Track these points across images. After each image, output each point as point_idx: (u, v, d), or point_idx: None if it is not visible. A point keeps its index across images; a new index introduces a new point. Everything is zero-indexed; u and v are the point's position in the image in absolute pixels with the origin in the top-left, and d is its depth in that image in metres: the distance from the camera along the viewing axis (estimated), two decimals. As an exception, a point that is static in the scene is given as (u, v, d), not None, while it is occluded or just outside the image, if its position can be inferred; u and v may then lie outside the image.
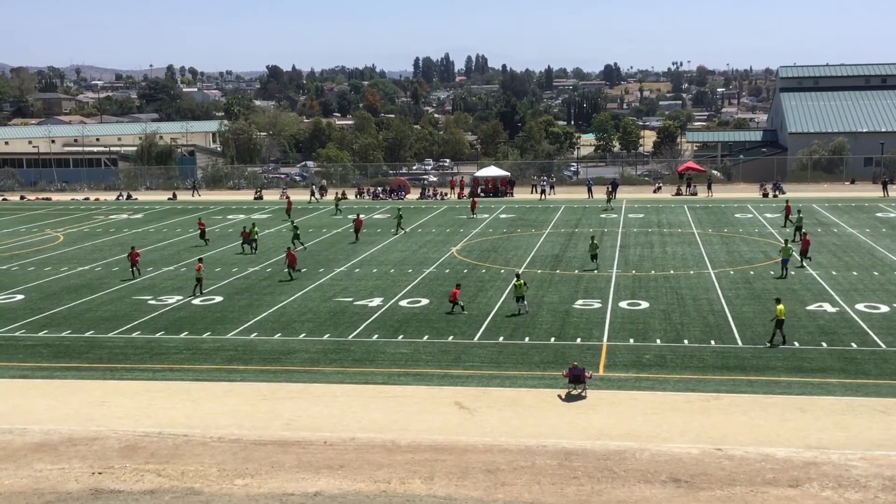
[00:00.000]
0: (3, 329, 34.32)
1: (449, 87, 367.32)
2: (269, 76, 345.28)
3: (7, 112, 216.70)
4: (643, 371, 27.75)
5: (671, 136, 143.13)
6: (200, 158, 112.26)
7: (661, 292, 38.35)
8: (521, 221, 61.84)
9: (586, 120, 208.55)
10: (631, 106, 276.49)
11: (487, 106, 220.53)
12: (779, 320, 30.10)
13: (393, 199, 78.14)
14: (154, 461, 21.51)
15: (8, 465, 21.44)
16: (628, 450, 21.54)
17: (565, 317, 34.53)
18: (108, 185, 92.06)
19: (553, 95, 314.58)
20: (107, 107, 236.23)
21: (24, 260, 49.64)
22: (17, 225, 64.82)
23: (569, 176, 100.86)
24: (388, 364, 28.99)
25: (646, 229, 56.60)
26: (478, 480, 20.02)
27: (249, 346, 31.37)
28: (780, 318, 30.05)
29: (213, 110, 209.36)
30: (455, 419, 24.03)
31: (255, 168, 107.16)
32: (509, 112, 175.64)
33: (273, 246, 52.66)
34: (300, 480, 20.22)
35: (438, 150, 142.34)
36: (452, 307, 35.73)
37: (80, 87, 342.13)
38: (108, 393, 26.78)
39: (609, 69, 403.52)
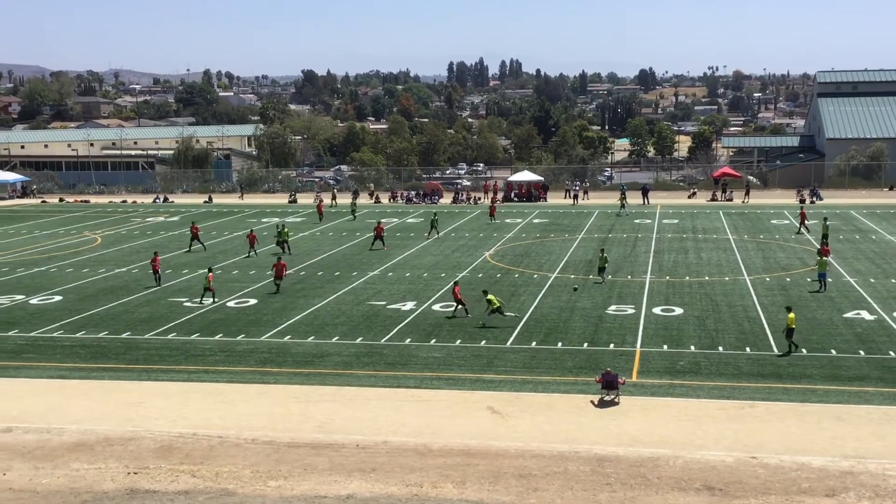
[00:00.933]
0: (42, 329, 34.80)
1: (483, 91, 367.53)
2: (304, 80, 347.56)
3: (47, 115, 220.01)
4: (677, 377, 27.57)
5: (706, 141, 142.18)
6: (236, 162, 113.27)
7: (696, 298, 38.08)
8: (555, 226, 61.69)
9: (620, 125, 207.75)
10: (666, 111, 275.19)
11: (521, 110, 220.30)
12: (789, 329, 29.75)
13: (426, 203, 78.28)
14: (189, 462, 21.70)
15: (45, 465, 21.73)
16: (662, 457, 21.41)
17: (598, 322, 34.40)
18: (146, 187, 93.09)
19: (587, 100, 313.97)
20: (144, 111, 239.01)
21: (63, 261, 50.31)
22: (56, 227, 65.72)
23: (602, 181, 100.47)
24: (420, 368, 29.04)
25: (680, 235, 56.24)
26: (510, 485, 19.99)
27: (283, 349, 31.56)
28: (790, 326, 29.70)
29: (248, 114, 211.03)
30: (487, 424, 24.01)
31: (290, 172, 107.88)
32: (543, 117, 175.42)
33: (307, 249, 52.95)
34: (332, 483, 20.31)
35: (472, 155, 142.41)
36: (455, 308, 35.68)
37: (119, 91, 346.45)
38: (145, 394, 27.06)
39: (644, 74, 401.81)
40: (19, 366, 30.11)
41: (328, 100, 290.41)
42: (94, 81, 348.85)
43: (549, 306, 37.13)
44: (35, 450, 22.70)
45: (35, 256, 52.24)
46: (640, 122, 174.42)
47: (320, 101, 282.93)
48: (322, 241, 56.44)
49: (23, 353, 31.70)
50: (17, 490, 20.31)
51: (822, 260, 39.96)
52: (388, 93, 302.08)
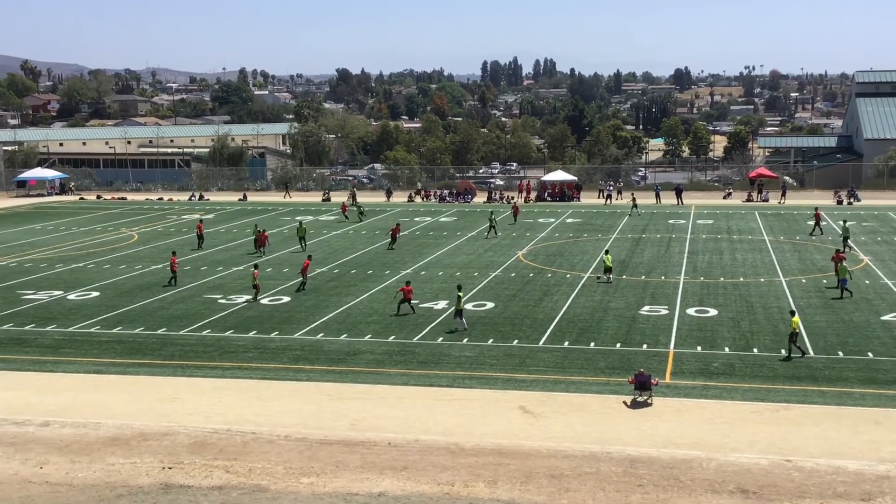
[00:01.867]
0: (79, 325, 35.25)
1: (516, 90, 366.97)
2: (338, 79, 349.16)
3: (85, 113, 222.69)
4: (711, 379, 27.37)
5: (742, 141, 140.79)
6: (270, 160, 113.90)
7: (731, 300, 37.77)
8: (588, 226, 61.46)
9: (655, 124, 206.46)
10: (701, 110, 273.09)
11: (555, 110, 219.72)
12: (793, 333, 29.30)
13: (459, 202, 78.30)
14: (222, 457, 21.89)
15: (82, 459, 22.01)
16: (695, 459, 21.26)
17: (631, 323, 34.23)
18: (181, 185, 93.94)
19: (622, 100, 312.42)
20: (181, 109, 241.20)
21: (100, 258, 50.91)
22: (93, 223, 66.51)
23: (636, 181, 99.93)
24: (452, 367, 29.07)
25: (715, 235, 55.81)
26: (541, 485, 19.96)
27: (316, 347, 31.72)
28: (794, 330, 29.27)
29: (283, 113, 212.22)
30: (519, 423, 23.99)
31: (324, 170, 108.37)
32: (577, 116, 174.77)
33: (340, 247, 53.18)
34: (364, 480, 20.38)
35: (505, 154, 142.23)
36: (399, 307, 36.06)
37: (156, 89, 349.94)
38: (179, 389, 27.32)
39: (679, 73, 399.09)
40: (57, 360, 30.52)
41: (362, 98, 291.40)
42: (132, 80, 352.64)
43: (582, 306, 37.01)
44: (72, 444, 23.01)
45: (73, 253, 52.91)
46: (675, 121, 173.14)
47: (354, 99, 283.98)
48: (355, 239, 56.65)
49: (60, 348, 32.13)
50: (53, 483, 20.60)
51: (842, 266, 38.69)
52: (422, 92, 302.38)
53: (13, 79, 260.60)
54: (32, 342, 32.92)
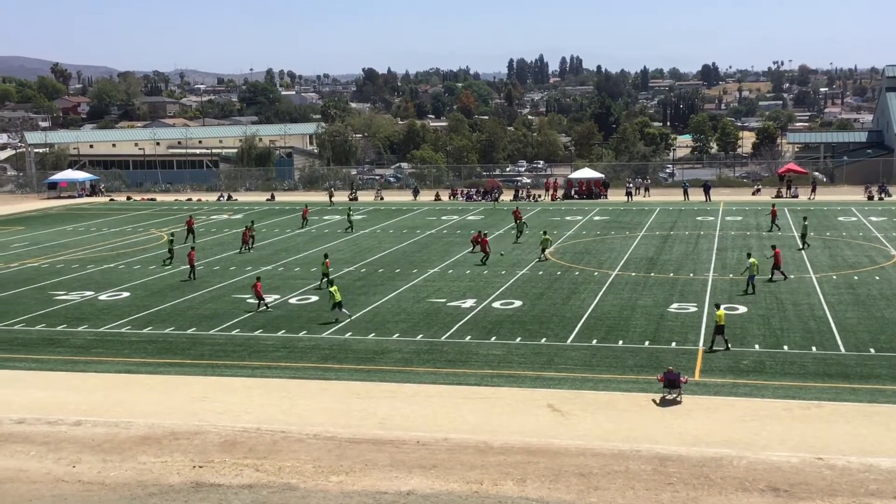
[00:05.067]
0: (110, 325, 35.59)
1: (543, 88, 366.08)
2: (364, 79, 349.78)
3: (114, 115, 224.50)
4: (741, 377, 27.18)
5: (771, 137, 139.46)
6: (298, 160, 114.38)
7: (760, 297, 37.48)
8: (615, 224, 61.22)
9: (683, 121, 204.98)
10: (729, 106, 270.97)
11: (582, 107, 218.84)
12: (718, 326, 29.47)
13: (486, 200, 78.25)
14: (252, 456, 22.02)
15: (114, 458, 22.23)
16: (725, 457, 21.14)
17: (660, 320, 34.06)
18: (210, 186, 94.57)
19: (649, 96, 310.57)
20: (209, 110, 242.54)
21: (131, 258, 51.37)
22: (123, 224, 67.11)
23: (664, 178, 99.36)
24: (480, 365, 29.07)
25: (744, 232, 55.42)
26: (570, 484, 19.92)
27: (344, 346, 31.83)
28: (719, 323, 29.46)
29: (310, 113, 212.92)
30: (548, 422, 23.95)
31: (351, 169, 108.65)
32: (604, 113, 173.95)
33: (368, 246, 53.32)
34: (393, 479, 20.44)
35: (532, 152, 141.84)
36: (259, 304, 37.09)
37: (184, 90, 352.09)
38: (209, 389, 27.52)
39: (707, 69, 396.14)
40: (89, 360, 30.84)
41: (388, 98, 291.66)
42: (161, 81, 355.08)
43: (610, 304, 36.88)
44: (104, 443, 23.24)
45: (104, 253, 53.43)
46: (703, 117, 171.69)
47: (381, 99, 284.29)
48: (383, 238, 56.78)
49: (92, 348, 32.47)
50: (86, 482, 20.82)
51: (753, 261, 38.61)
52: (449, 90, 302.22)
53: (44, 81, 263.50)
54: (64, 342, 33.29)
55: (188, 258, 44.85)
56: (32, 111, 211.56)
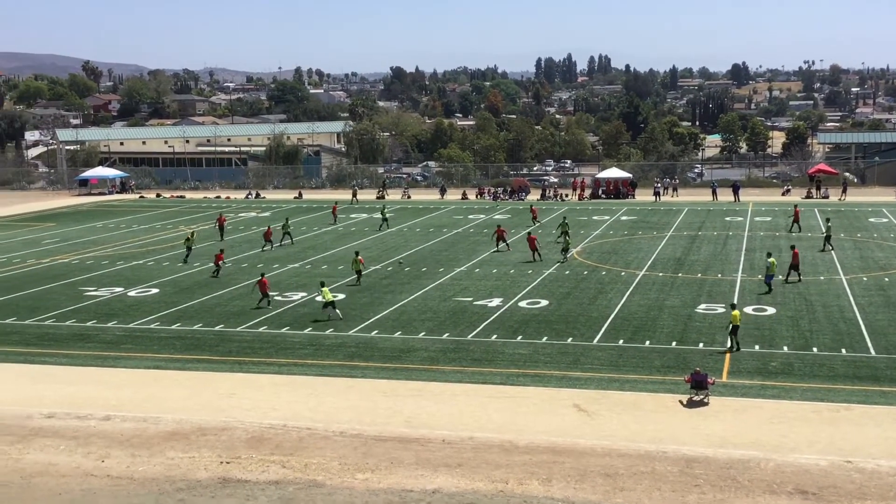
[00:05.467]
0: (140, 321, 35.90)
1: (571, 87, 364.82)
2: (392, 77, 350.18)
3: (145, 113, 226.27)
4: (769, 378, 26.98)
5: (801, 137, 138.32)
6: (325, 158, 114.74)
7: (789, 298, 37.19)
8: (643, 224, 60.94)
9: (712, 120, 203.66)
10: (759, 106, 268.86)
11: (610, 106, 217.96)
12: (734, 326, 29.43)
13: (513, 199, 78.15)
14: (279, 453, 22.15)
15: (142, 453, 22.44)
16: (753, 459, 21.00)
17: (687, 321, 33.88)
18: (238, 183, 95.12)
19: (678, 96, 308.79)
20: (238, 108, 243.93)
21: (160, 255, 51.80)
22: (153, 221, 67.67)
23: (692, 178, 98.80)
24: (506, 364, 29.05)
25: (773, 233, 54.99)
26: (596, 484, 19.87)
27: (370, 344, 31.92)
28: (734, 324, 29.41)
29: (338, 111, 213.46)
30: (573, 421, 23.90)
31: (378, 168, 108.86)
32: (632, 113, 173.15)
33: (395, 245, 53.44)
34: (419, 477, 20.48)
35: (559, 151, 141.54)
36: (260, 300, 37.35)
37: (213, 89, 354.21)
38: (237, 385, 27.70)
39: (737, 68, 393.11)
40: (118, 356, 31.13)
41: (416, 96, 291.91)
42: (190, 80, 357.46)
43: (637, 304, 36.73)
44: (132, 438, 23.46)
45: (133, 250, 53.90)
46: (733, 117, 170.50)
47: (408, 97, 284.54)
48: (409, 236, 56.87)
49: (121, 343, 32.77)
50: (114, 477, 21.03)
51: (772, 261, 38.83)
52: (476, 89, 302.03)
53: (75, 79, 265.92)
54: (94, 338, 33.62)
55: (216, 258, 45.16)
56: (64, 109, 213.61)
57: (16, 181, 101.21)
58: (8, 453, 22.55)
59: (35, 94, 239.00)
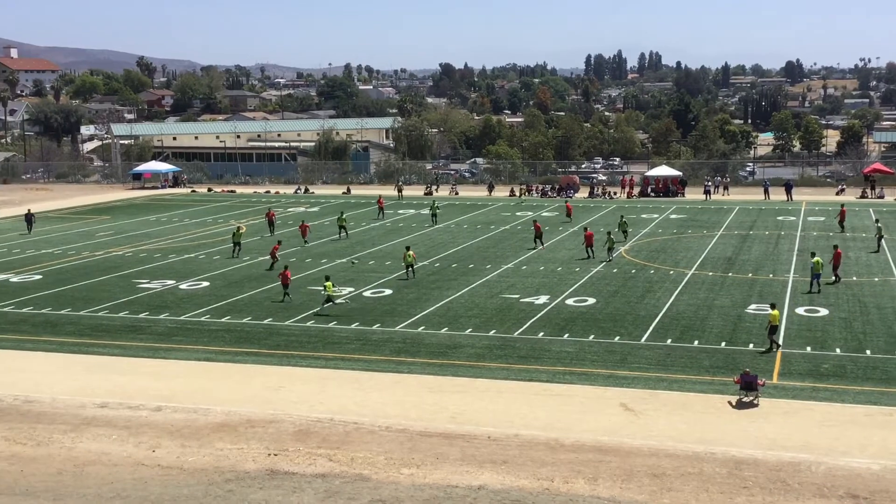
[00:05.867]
0: (190, 314, 36.39)
1: (621, 84, 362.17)
2: (441, 74, 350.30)
3: (197, 108, 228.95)
4: (820, 381, 26.58)
5: (857, 135, 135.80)
6: (374, 154, 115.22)
7: (842, 299, 36.58)
8: (693, 222, 60.34)
9: (765, 118, 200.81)
10: (813, 104, 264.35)
11: (660, 104, 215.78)
12: (772, 326, 29.01)
13: (561, 196, 77.80)
14: (326, 446, 22.32)
15: (192, 443, 22.75)
16: (803, 462, 20.71)
17: (737, 321, 33.49)
18: (288, 178, 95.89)
19: (730, 93, 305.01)
20: (288, 104, 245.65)
21: (210, 249, 52.43)
22: (204, 216, 68.51)
23: (744, 176, 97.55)
24: (552, 362, 28.96)
25: (826, 233, 54.11)
26: (643, 484, 19.73)
27: (417, 339, 32.02)
28: (773, 323, 29.02)
29: (386, 107, 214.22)
30: (620, 421, 23.76)
31: (426, 164, 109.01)
32: (682, 110, 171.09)
33: (442, 241, 53.51)
34: (464, 473, 20.51)
35: (608, 149, 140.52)
36: (284, 295, 37.75)
37: (264, 85, 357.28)
38: (284, 378, 27.96)
39: (791, 66, 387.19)
40: (169, 348, 31.59)
41: (465, 93, 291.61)
42: (242, 76, 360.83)
43: (686, 303, 36.39)
44: (182, 428, 23.80)
45: (185, 244, 54.63)
46: (786, 115, 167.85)
47: (457, 94, 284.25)
48: (457, 233, 56.91)
49: (172, 335, 33.24)
50: (165, 467, 21.35)
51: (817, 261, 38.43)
52: (525, 86, 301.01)
53: (129, 75, 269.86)
54: (146, 329, 34.15)
55: (272, 250, 46.03)
56: (119, 104, 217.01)
57: (71, 174, 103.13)
58: (61, 442, 23.01)
59: (90, 89, 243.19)
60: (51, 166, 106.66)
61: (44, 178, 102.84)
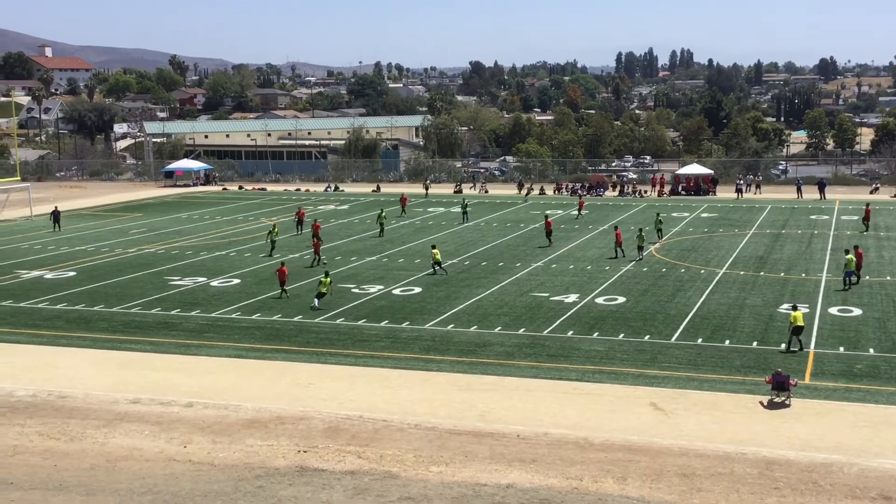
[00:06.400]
0: (221, 311, 36.65)
1: (651, 82, 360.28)
2: (471, 72, 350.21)
3: (228, 107, 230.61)
4: (853, 381, 26.30)
5: (891, 133, 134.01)
6: (404, 152, 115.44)
7: (876, 299, 36.17)
8: (724, 221, 59.90)
9: (798, 116, 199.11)
10: (847, 102, 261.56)
11: (691, 102, 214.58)
12: (796, 327, 28.68)
13: (591, 195, 77.51)
14: (355, 443, 22.40)
15: (223, 439, 22.93)
16: (835, 463, 20.51)
17: (769, 321, 33.20)
18: (318, 176, 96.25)
19: (762, 91, 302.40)
20: (318, 102, 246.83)
21: (241, 246, 52.77)
22: (235, 213, 68.96)
23: (776, 175, 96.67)
24: (582, 361, 28.87)
25: (860, 232, 53.50)
26: (672, 484, 19.64)
27: (446, 337, 32.04)
28: (796, 324, 28.68)
29: (416, 105, 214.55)
30: (650, 420, 23.65)
31: (456, 162, 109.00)
32: (714, 108, 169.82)
33: (472, 239, 53.51)
34: (493, 472, 20.51)
35: (639, 147, 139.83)
36: (281, 292, 38.38)
37: (295, 83, 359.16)
38: (314, 375, 28.09)
39: (824, 63, 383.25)
40: (200, 344, 31.85)
41: (495, 91, 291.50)
42: (273, 74, 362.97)
43: (717, 303, 36.14)
44: (213, 424, 23.99)
45: (216, 241, 55.03)
46: (819, 113, 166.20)
47: (487, 92, 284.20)
48: (486, 231, 56.87)
49: (204, 332, 33.51)
50: (196, 462, 21.53)
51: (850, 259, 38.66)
52: (555, 84, 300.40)
53: (162, 73, 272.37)
54: (178, 326, 34.45)
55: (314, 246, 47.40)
56: (151, 102, 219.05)
57: (105, 172, 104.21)
58: (94, 437, 23.28)
59: (124, 88, 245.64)
60: (84, 164, 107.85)
61: (77, 176, 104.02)
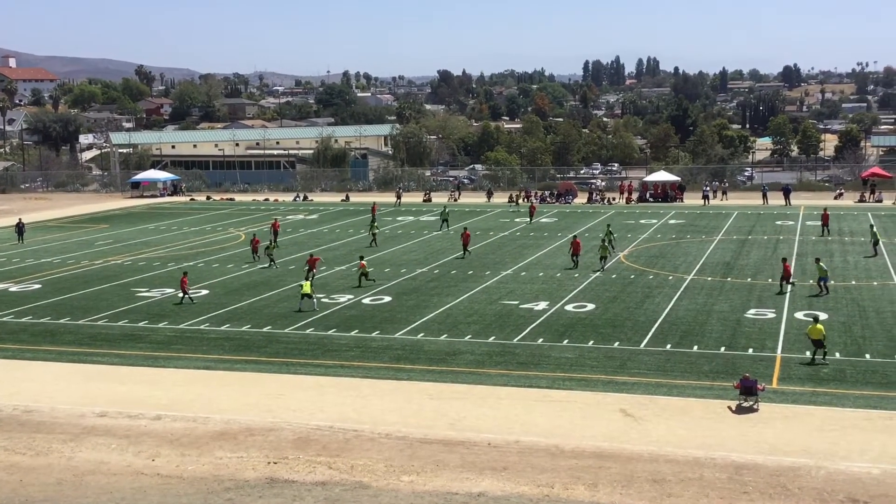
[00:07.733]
0: (190, 322, 36.36)
1: (619, 90, 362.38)
2: (439, 80, 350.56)
3: (196, 116, 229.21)
4: (820, 385, 26.57)
5: (854, 140, 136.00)
6: (372, 161, 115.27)
7: (841, 304, 36.60)
8: (691, 227, 60.38)
9: (762, 123, 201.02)
10: (811, 108, 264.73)
11: (658, 109, 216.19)
12: (815, 340, 28.62)
13: (560, 203, 77.87)
14: (325, 454, 22.29)
15: (192, 452, 22.72)
16: (803, 467, 20.69)
17: (736, 326, 33.49)
18: (287, 186, 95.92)
19: (727, 98, 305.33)
20: (286, 111, 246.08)
21: (209, 257, 52.42)
22: (203, 223, 68.51)
23: (742, 181, 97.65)
24: (552, 368, 28.94)
25: (825, 238, 54.12)
26: (643, 490, 19.72)
27: (416, 346, 32.00)
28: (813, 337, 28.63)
29: (385, 114, 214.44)
30: (620, 426, 23.74)
31: (425, 171, 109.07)
32: (680, 115, 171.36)
33: (441, 248, 53.51)
34: (464, 480, 20.49)
35: (607, 155, 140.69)
36: (182, 298, 39.20)
37: (263, 92, 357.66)
38: (284, 386, 27.93)
39: (788, 70, 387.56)
40: (168, 356, 31.56)
41: (463, 99, 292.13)
42: (240, 84, 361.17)
43: (685, 309, 36.39)
44: (182, 437, 23.77)
45: (184, 252, 54.62)
46: (784, 120, 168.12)
47: (455, 100, 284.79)
48: (455, 239, 56.86)
49: (172, 344, 33.22)
50: (164, 476, 21.32)
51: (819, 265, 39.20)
52: (523, 92, 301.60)
53: (128, 83, 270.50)
54: (145, 338, 34.13)
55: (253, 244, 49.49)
56: (117, 112, 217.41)
57: (70, 183, 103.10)
58: (61, 451, 22.98)
59: (89, 98, 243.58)
60: (49, 175, 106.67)
61: (42, 188, 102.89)
